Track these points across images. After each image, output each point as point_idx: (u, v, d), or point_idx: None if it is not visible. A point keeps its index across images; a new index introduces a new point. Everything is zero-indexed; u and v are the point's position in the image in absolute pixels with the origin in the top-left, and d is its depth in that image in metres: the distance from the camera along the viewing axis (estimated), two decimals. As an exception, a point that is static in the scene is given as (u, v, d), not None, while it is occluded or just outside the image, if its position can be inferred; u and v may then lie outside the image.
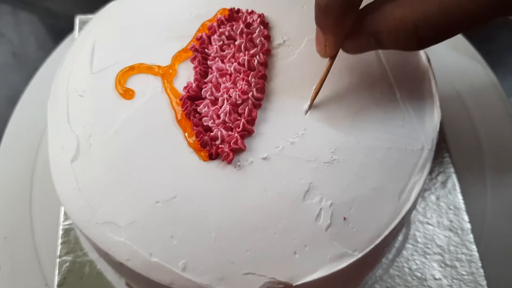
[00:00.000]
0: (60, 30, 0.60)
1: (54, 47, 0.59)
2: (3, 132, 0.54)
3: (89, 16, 0.59)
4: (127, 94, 0.39)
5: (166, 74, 0.39)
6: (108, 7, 0.45)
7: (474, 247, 0.45)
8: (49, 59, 0.58)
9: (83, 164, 0.37)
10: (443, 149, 0.50)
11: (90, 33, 0.43)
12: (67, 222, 0.48)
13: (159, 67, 0.40)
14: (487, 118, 0.53)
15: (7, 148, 0.53)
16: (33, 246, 0.48)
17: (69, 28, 0.60)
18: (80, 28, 0.58)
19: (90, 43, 0.42)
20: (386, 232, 0.34)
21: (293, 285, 0.32)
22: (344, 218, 0.34)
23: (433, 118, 0.38)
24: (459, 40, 0.58)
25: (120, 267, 0.35)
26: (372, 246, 0.34)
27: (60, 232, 0.47)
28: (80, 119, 0.38)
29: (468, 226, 0.46)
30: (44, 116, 0.40)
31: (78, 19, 0.59)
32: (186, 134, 0.36)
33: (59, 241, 0.47)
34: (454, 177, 0.49)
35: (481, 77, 0.56)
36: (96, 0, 0.61)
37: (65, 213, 0.48)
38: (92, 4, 0.60)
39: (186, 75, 0.39)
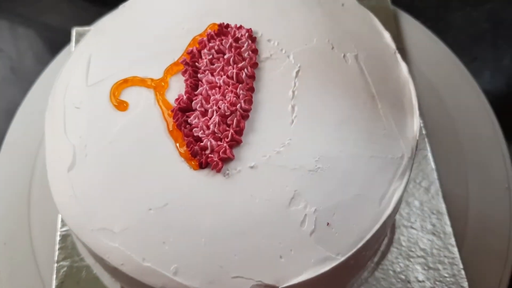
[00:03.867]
0: (57, 43, 0.62)
1: (51, 60, 0.60)
2: (1, 142, 0.56)
3: (86, 28, 0.61)
4: (121, 105, 0.40)
5: (159, 86, 0.41)
6: (103, 21, 0.47)
7: (455, 250, 0.47)
8: (46, 70, 0.59)
9: (79, 173, 0.38)
10: (427, 155, 0.52)
11: (86, 46, 0.45)
12: (64, 229, 0.49)
13: (151, 80, 0.41)
14: (469, 125, 0.55)
15: (6, 157, 0.55)
16: (31, 251, 0.49)
17: (66, 42, 0.62)
18: (77, 40, 0.60)
19: (86, 57, 0.44)
20: (368, 237, 0.36)
21: (279, 287, 0.34)
22: (328, 224, 0.36)
23: (413, 128, 0.40)
24: (443, 50, 0.60)
25: (114, 272, 0.37)
26: (354, 250, 0.35)
27: (58, 238, 0.49)
28: (77, 130, 0.40)
29: (450, 230, 0.48)
30: (42, 125, 0.42)
31: (74, 31, 0.60)
32: (178, 144, 0.38)
33: (57, 246, 0.48)
34: (437, 183, 0.51)
35: (463, 84, 0.58)
36: (92, 14, 0.64)
37: (62, 220, 0.50)
38: (88, 17, 0.62)
39: (177, 87, 0.41)
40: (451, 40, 0.60)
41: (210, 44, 0.42)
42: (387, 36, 0.44)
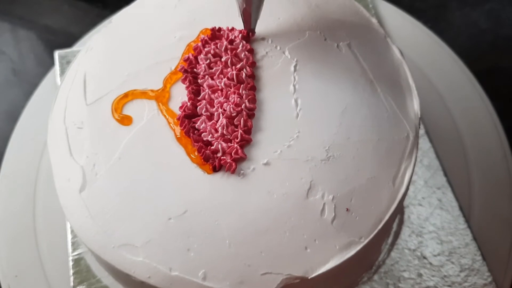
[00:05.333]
0: (58, 46, 0.62)
1: (52, 63, 0.60)
2: (4, 148, 0.56)
3: (67, 50, 0.60)
4: (125, 120, 0.40)
5: (160, 97, 0.41)
6: (91, 39, 0.46)
7: (464, 220, 0.48)
8: (38, 89, 0.59)
9: (91, 193, 0.38)
10: (423, 134, 0.54)
11: (78, 66, 0.44)
12: (76, 253, 0.49)
13: (152, 91, 0.41)
14: (458, 98, 0.57)
15: (4, 189, 0.54)
16: (45, 280, 0.48)
17: (67, 44, 0.63)
18: (60, 63, 0.59)
19: (81, 76, 0.43)
20: (387, 217, 0.37)
21: (309, 278, 0.34)
22: (347, 209, 0.36)
23: (413, 107, 0.41)
24: (422, 29, 0.62)
25: (141, 286, 0.36)
26: (375, 231, 0.36)
27: (71, 263, 0.48)
28: (82, 150, 0.40)
29: (456, 202, 0.49)
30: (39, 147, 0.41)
31: (57, 54, 0.60)
32: (188, 151, 0.38)
33: (71, 271, 0.47)
34: (436, 159, 0.52)
35: (447, 61, 0.60)
36: (92, 16, 0.64)
37: (72, 244, 0.49)
38: (89, 19, 0.63)
39: (179, 95, 0.41)
40: (451, 40, 0.62)
41: (206, 49, 0.42)
42: (374, 22, 0.45)
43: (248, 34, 0.43)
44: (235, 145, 0.38)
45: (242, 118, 0.39)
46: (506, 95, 0.63)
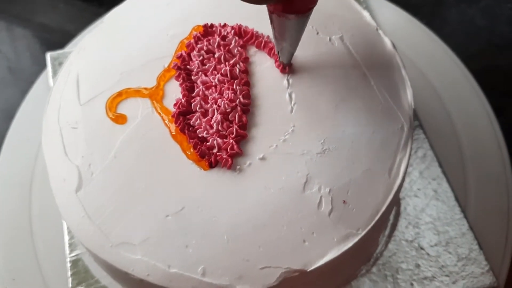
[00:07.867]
0: (54, 44, 0.62)
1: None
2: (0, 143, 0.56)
3: (59, 51, 0.60)
4: (120, 119, 0.40)
5: (154, 94, 0.41)
6: (84, 39, 0.46)
7: (460, 210, 0.48)
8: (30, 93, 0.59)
9: (88, 192, 0.38)
10: (417, 126, 0.54)
11: (71, 66, 0.44)
12: (73, 254, 0.48)
13: (145, 89, 0.41)
14: (452, 92, 0.57)
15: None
16: (43, 282, 0.48)
17: (63, 43, 0.63)
18: (52, 65, 0.59)
19: (74, 76, 0.43)
20: (384, 208, 0.37)
21: (308, 270, 0.35)
22: (344, 202, 0.36)
23: (407, 98, 0.41)
24: (413, 23, 0.62)
25: (140, 284, 0.36)
26: (373, 222, 0.36)
27: (68, 265, 0.48)
28: (77, 150, 0.40)
29: (451, 192, 0.50)
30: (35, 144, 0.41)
31: (49, 55, 0.59)
32: (184, 148, 0.38)
33: (69, 273, 0.47)
34: (431, 150, 0.52)
35: (439, 53, 0.60)
36: (88, 14, 0.65)
37: (70, 245, 0.49)
38: (85, 18, 0.63)
39: (173, 93, 0.41)
40: (447, 37, 0.62)
41: (199, 46, 0.42)
42: (366, 14, 0.45)
43: (285, 68, 0.42)
44: (231, 141, 0.38)
45: (237, 114, 0.39)
46: (501, 91, 0.63)
